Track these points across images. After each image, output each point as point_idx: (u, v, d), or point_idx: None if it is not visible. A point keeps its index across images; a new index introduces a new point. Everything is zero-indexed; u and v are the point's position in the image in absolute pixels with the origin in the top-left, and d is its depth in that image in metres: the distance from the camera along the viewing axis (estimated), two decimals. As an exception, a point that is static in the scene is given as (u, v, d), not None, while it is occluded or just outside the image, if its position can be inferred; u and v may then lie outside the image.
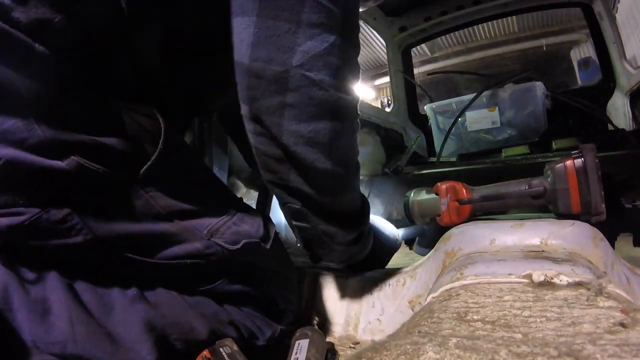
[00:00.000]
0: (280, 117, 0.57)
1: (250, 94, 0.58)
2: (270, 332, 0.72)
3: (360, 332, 0.82)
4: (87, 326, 0.54)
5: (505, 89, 2.02)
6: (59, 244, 0.55)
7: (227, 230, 0.63)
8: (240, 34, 0.56)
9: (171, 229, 0.60)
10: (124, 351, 0.55)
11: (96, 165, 0.53)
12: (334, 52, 0.56)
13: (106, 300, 0.58)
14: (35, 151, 0.51)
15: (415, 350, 0.39)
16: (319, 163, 0.61)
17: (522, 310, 0.45)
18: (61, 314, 0.53)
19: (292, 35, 0.54)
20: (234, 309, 0.70)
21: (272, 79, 0.55)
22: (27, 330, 0.51)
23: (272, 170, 0.65)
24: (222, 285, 0.67)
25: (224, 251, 0.63)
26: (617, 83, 1.88)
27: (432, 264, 0.77)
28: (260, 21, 0.54)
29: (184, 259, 0.61)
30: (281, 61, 0.54)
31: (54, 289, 0.55)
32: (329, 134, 0.59)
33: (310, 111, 0.57)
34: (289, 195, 0.68)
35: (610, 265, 0.65)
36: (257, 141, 0.62)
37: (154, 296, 0.62)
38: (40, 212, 0.52)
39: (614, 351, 0.33)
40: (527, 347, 0.36)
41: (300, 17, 0.54)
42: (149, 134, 0.58)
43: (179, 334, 0.61)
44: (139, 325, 0.57)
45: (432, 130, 2.30)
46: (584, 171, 0.73)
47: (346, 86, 0.60)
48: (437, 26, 2.29)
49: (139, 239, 0.59)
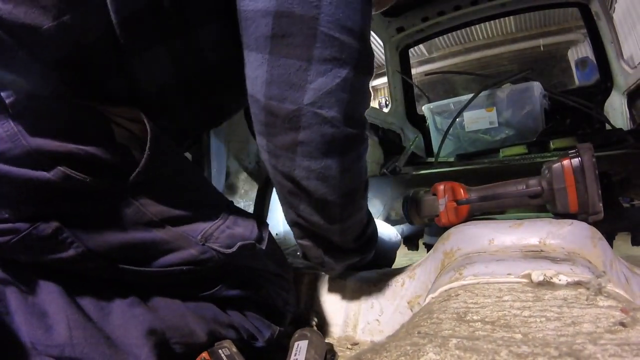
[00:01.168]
0: (293, 153, 0.58)
1: (266, 129, 0.59)
2: (269, 333, 0.72)
3: (359, 332, 0.82)
4: (84, 330, 0.53)
5: (503, 89, 2.02)
6: (51, 259, 0.54)
7: (221, 234, 0.62)
8: (255, 70, 0.56)
9: (164, 237, 0.59)
10: (122, 355, 0.54)
11: (83, 175, 0.51)
12: (346, 87, 0.55)
13: (104, 304, 0.57)
14: (18, 163, 0.50)
15: (415, 351, 0.38)
16: (330, 196, 0.62)
17: (522, 310, 0.45)
18: (58, 317, 0.52)
19: (303, 73, 0.54)
20: (233, 311, 0.70)
21: (285, 117, 0.55)
22: (25, 333, 0.51)
23: (285, 197, 0.67)
24: (221, 290, 0.67)
25: (219, 255, 0.62)
26: (615, 83, 1.89)
27: (431, 264, 0.77)
28: (273, 59, 0.54)
29: (179, 266, 0.60)
30: (293, 99, 0.55)
31: (50, 293, 0.54)
32: (339, 168, 0.60)
33: (322, 148, 0.57)
34: (297, 216, 0.69)
35: (609, 264, 0.65)
36: (272, 171, 0.64)
37: (153, 301, 0.62)
38: (29, 228, 0.51)
39: (615, 351, 0.33)
40: (528, 347, 0.36)
41: (312, 54, 0.53)
42: (137, 141, 0.57)
43: (178, 337, 0.60)
44: (137, 329, 0.56)
45: (430, 130, 2.30)
46: (581, 170, 0.73)
47: (357, 119, 0.60)
48: (435, 27, 2.30)
49: (132, 249, 0.58)
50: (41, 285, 0.54)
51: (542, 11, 4.12)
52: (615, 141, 1.42)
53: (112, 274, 0.58)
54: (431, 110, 2.25)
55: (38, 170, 0.50)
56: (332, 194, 0.62)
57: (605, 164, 1.25)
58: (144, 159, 0.56)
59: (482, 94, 1.96)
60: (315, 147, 0.57)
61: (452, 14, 2.14)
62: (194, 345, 0.62)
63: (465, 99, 2.02)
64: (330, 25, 0.52)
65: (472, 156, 1.85)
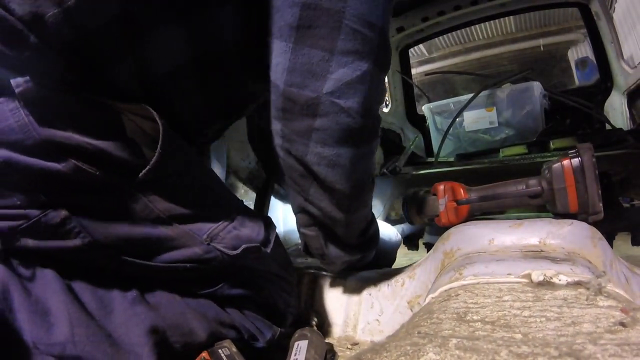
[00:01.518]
0: (307, 139, 0.61)
1: (283, 114, 0.61)
2: (270, 334, 0.72)
3: (359, 332, 0.82)
4: (86, 328, 0.53)
5: (503, 89, 2.02)
6: (57, 246, 0.55)
7: (227, 234, 0.63)
8: (277, 57, 0.58)
9: (170, 234, 0.59)
10: (123, 353, 0.54)
11: (93, 169, 0.53)
12: (365, 80, 0.58)
13: (106, 302, 0.57)
14: (31, 153, 0.51)
15: (415, 352, 0.38)
16: (339, 184, 0.65)
17: (522, 310, 0.45)
18: (60, 315, 0.53)
19: (325, 63, 0.56)
20: (235, 311, 0.69)
21: (304, 104, 0.58)
22: (28, 331, 0.51)
23: (295, 181, 0.68)
24: (223, 289, 0.67)
25: (223, 256, 0.62)
26: (615, 82, 1.88)
27: (431, 264, 0.77)
28: (297, 48, 0.56)
29: (183, 263, 0.61)
30: (313, 88, 0.57)
31: (53, 290, 0.54)
32: (351, 158, 0.62)
33: (337, 136, 0.60)
34: (305, 201, 0.70)
35: (609, 264, 0.65)
36: (284, 155, 0.65)
37: (154, 298, 0.62)
38: (39, 215, 0.52)
39: (615, 351, 0.33)
40: (528, 347, 0.36)
41: (335, 45, 0.55)
42: (148, 138, 0.57)
43: (179, 336, 0.60)
44: (139, 328, 0.57)
45: (430, 130, 2.30)
46: (581, 170, 0.73)
47: (373, 111, 0.62)
48: (435, 27, 2.29)
49: (138, 243, 0.58)
50: (44, 283, 0.55)
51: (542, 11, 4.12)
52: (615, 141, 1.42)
53: (115, 267, 0.59)
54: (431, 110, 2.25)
55: (50, 161, 0.51)
56: (341, 183, 0.64)
57: (605, 164, 1.25)
58: (155, 157, 0.56)
59: (482, 94, 1.96)
60: (330, 135, 0.60)
61: (452, 14, 2.13)
62: (194, 344, 0.62)
63: (465, 99, 2.02)
64: (355, 19, 0.55)
65: (472, 156, 1.84)
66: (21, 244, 0.54)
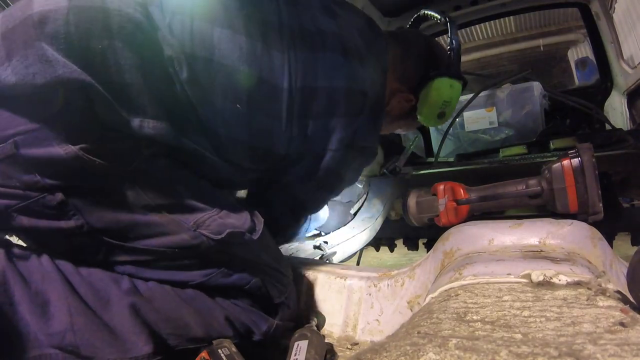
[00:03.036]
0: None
1: None
2: (266, 326, 0.72)
3: (359, 332, 0.82)
4: (85, 317, 0.55)
5: (503, 89, 2.02)
6: (51, 226, 0.57)
7: (212, 222, 0.66)
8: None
9: (159, 220, 0.62)
10: (121, 342, 0.56)
11: (93, 158, 0.55)
12: None
13: (102, 293, 0.59)
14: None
15: (415, 352, 0.38)
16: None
17: (522, 310, 0.45)
18: (60, 304, 0.55)
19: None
20: (228, 303, 0.70)
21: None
22: (28, 323, 0.52)
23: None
24: (216, 278, 0.68)
25: (209, 241, 0.65)
26: (615, 83, 1.88)
27: (431, 264, 0.77)
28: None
29: (172, 248, 0.64)
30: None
31: (51, 280, 0.56)
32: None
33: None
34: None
35: (609, 264, 0.65)
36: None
37: (148, 290, 0.63)
38: (37, 197, 0.55)
39: (615, 351, 0.33)
40: (528, 347, 0.36)
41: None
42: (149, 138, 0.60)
43: (172, 328, 0.62)
44: (135, 318, 0.59)
45: (430, 130, 2.30)
46: (581, 170, 0.73)
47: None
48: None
49: (129, 227, 0.61)
50: (43, 274, 0.56)
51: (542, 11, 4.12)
52: (615, 141, 1.42)
53: (105, 254, 0.62)
54: (431, 110, 2.24)
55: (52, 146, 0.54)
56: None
57: (605, 164, 1.25)
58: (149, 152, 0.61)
59: (482, 94, 1.95)
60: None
61: (452, 14, 2.13)
62: (189, 337, 0.63)
63: (465, 99, 2.01)
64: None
65: (472, 156, 1.84)
66: (16, 222, 0.57)
